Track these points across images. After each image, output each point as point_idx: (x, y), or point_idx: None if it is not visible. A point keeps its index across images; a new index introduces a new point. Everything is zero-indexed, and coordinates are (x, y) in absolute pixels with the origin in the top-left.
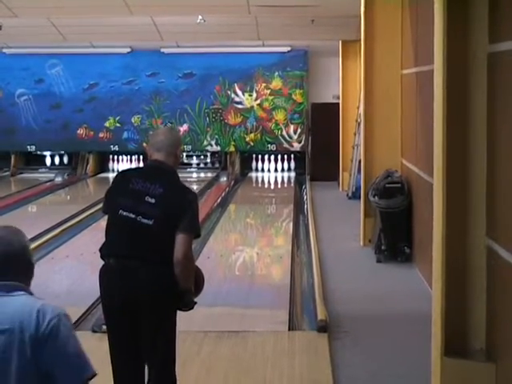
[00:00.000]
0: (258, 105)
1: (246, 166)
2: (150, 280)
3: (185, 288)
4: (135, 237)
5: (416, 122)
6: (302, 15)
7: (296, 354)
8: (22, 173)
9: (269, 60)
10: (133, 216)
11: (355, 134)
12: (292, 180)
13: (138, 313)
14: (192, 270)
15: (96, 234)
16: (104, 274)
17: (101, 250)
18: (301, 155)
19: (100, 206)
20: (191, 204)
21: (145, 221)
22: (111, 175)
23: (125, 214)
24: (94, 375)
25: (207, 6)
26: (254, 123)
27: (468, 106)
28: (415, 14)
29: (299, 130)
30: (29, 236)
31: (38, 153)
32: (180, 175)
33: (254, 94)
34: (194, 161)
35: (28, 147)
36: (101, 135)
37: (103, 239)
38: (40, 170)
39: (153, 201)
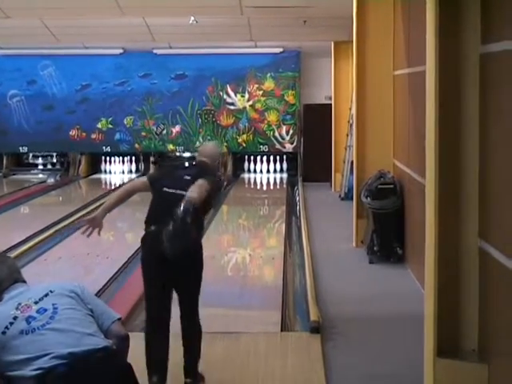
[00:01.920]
0: (251, 106)
1: (239, 167)
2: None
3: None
4: (173, 207)
5: (408, 122)
6: (295, 16)
7: (289, 355)
8: (14, 174)
9: (261, 61)
10: (173, 190)
11: (347, 135)
12: (284, 181)
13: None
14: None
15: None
16: (148, 237)
17: (146, 218)
18: (293, 156)
19: (92, 207)
20: (215, 175)
21: (181, 192)
22: (103, 176)
23: (167, 190)
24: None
25: (199, 6)
26: (247, 124)
27: (460, 106)
28: (407, 15)
29: (291, 131)
30: (21, 237)
31: (31, 154)
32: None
33: (247, 95)
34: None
35: (20, 148)
36: (93, 136)
37: (96, 240)
38: (32, 172)
39: (189, 178)
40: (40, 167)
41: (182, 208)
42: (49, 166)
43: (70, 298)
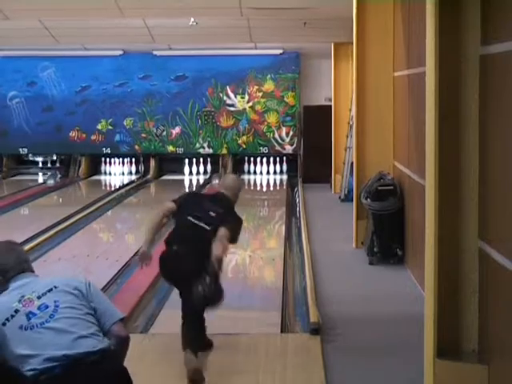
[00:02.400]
0: (251, 107)
1: (239, 169)
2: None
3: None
4: (195, 236)
5: (408, 124)
6: (295, 18)
7: (288, 357)
8: (14, 175)
9: (261, 62)
10: (197, 222)
11: (347, 137)
12: (284, 182)
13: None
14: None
15: (88, 237)
16: (169, 255)
17: (168, 239)
18: (293, 158)
19: (92, 208)
20: (236, 218)
21: (205, 226)
22: (103, 178)
23: (192, 220)
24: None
25: (199, 8)
26: (247, 126)
27: (460, 107)
28: (407, 16)
29: (291, 133)
30: (21, 238)
31: (30, 155)
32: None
33: (247, 97)
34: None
35: (20, 150)
36: (93, 138)
37: (95, 241)
38: (32, 173)
39: (214, 215)
40: (40, 168)
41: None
42: (48, 167)
43: (73, 295)
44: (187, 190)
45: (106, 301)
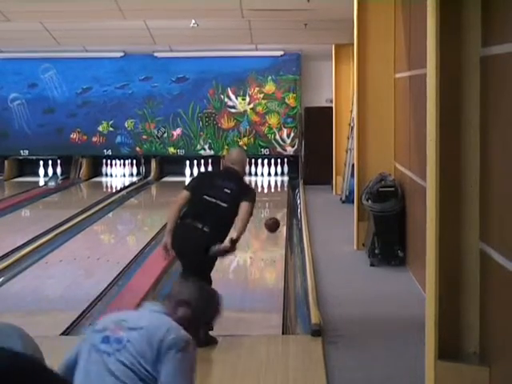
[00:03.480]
0: (252, 109)
1: None
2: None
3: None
4: (211, 213)
5: (409, 125)
6: (295, 19)
7: (290, 358)
8: (15, 177)
9: (262, 64)
10: (213, 200)
11: (348, 138)
12: (285, 184)
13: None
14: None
15: (89, 239)
16: (182, 226)
17: (183, 215)
18: (294, 159)
19: (93, 210)
20: (250, 190)
21: (221, 203)
22: (104, 179)
23: (208, 198)
24: None
25: (200, 9)
26: (248, 127)
27: (461, 109)
28: (408, 18)
29: (292, 134)
30: (22, 240)
31: (32, 157)
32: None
33: (248, 98)
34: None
35: (21, 152)
36: (94, 139)
37: (96, 243)
38: (33, 175)
39: (229, 191)
40: (41, 170)
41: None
42: (50, 169)
43: (149, 349)
44: (198, 173)
45: (173, 373)
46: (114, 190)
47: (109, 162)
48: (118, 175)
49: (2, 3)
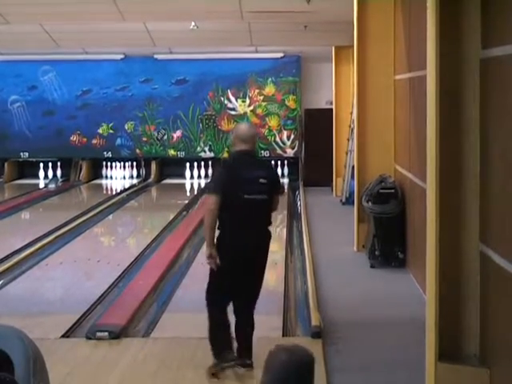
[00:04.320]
0: (252, 111)
1: None
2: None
3: None
4: (256, 211)
5: (409, 127)
6: (295, 21)
7: None
8: (15, 179)
9: (262, 66)
10: (254, 196)
11: (348, 140)
12: (285, 186)
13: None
14: None
15: (89, 241)
16: (234, 236)
17: (223, 224)
18: (294, 161)
19: (93, 212)
20: (278, 176)
21: (262, 197)
22: (104, 182)
23: (249, 196)
24: None
25: (200, 12)
26: None
27: (461, 111)
28: (408, 20)
29: (292, 136)
30: (23, 243)
31: (32, 160)
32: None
33: (248, 100)
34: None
35: (21, 154)
36: (94, 142)
37: (96, 245)
38: (33, 177)
39: (264, 181)
40: (41, 172)
41: None
42: (50, 172)
43: None
44: (219, 170)
45: None
46: (114, 193)
47: (109, 164)
48: (118, 177)
49: (1, 5)
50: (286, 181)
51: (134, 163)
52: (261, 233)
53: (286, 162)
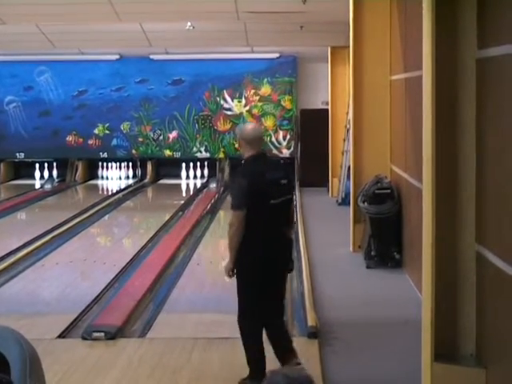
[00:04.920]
0: (248, 111)
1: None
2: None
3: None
4: (281, 214)
5: (405, 127)
6: (291, 21)
7: None
8: (10, 180)
9: (258, 66)
10: (280, 199)
11: (344, 140)
12: None
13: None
14: None
15: (85, 241)
16: (263, 247)
17: (249, 236)
18: (290, 161)
19: (89, 213)
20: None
21: (283, 198)
22: (100, 182)
23: (274, 201)
24: None
25: (196, 12)
26: None
27: (457, 111)
28: (404, 20)
29: (288, 137)
30: (19, 243)
31: (28, 160)
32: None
33: (244, 101)
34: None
35: (17, 154)
36: (90, 142)
37: (92, 246)
38: (29, 177)
39: (285, 181)
40: (37, 173)
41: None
42: (46, 172)
43: None
44: (239, 181)
45: None
46: (110, 193)
47: (105, 164)
48: (114, 178)
49: None
50: None
51: (130, 164)
52: (285, 238)
53: (281, 162)
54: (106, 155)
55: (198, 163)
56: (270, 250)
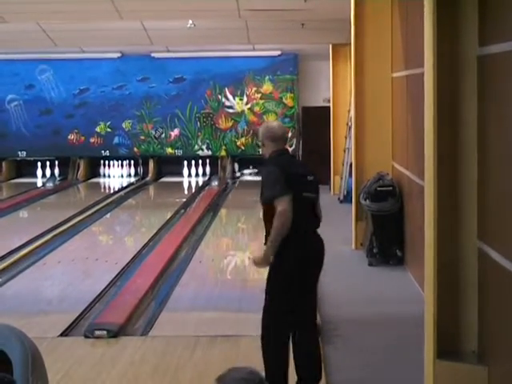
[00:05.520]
0: (249, 109)
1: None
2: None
3: None
4: (312, 209)
5: (407, 125)
6: (293, 19)
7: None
8: (12, 178)
9: (259, 64)
10: (310, 194)
11: (346, 138)
12: None
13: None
14: None
15: (87, 240)
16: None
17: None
18: None
19: (91, 211)
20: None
21: (313, 195)
22: (102, 180)
23: (307, 194)
24: None
25: (197, 10)
26: (245, 127)
27: (458, 108)
28: (405, 17)
29: (290, 134)
30: (20, 242)
31: (29, 158)
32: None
33: (245, 98)
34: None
35: (19, 153)
36: (92, 140)
37: (94, 244)
38: (31, 176)
39: (312, 178)
40: (39, 171)
41: None
42: (47, 171)
43: None
44: (272, 170)
45: None
46: (111, 191)
47: (106, 162)
48: (116, 176)
49: None
50: None
51: (132, 162)
52: (319, 236)
53: None
54: (107, 153)
55: (200, 161)
56: (309, 246)
